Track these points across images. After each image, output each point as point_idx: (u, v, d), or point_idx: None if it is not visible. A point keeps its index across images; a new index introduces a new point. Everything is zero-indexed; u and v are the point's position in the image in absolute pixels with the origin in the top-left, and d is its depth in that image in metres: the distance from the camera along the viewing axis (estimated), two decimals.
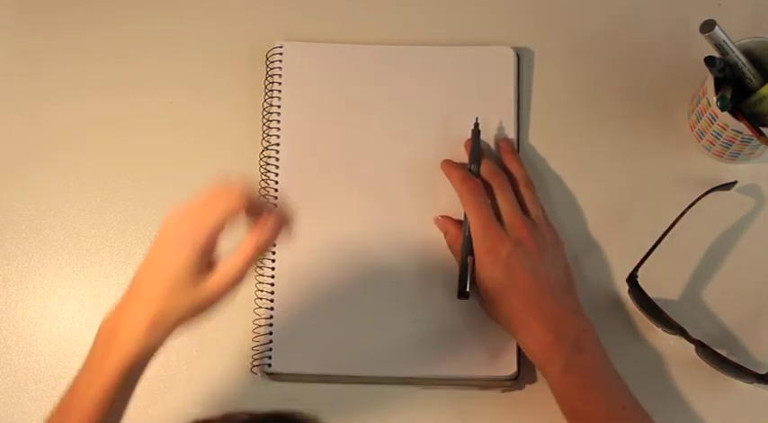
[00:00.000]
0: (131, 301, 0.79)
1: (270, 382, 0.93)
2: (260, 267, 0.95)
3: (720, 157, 0.96)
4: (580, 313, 0.89)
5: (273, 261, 0.95)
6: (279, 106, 0.98)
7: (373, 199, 0.96)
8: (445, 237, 0.94)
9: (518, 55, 1.00)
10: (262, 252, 0.78)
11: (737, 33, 0.88)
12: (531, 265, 0.88)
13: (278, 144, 0.97)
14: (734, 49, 0.87)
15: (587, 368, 0.86)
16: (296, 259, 0.95)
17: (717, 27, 0.85)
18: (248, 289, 0.95)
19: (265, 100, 0.99)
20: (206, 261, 0.77)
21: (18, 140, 1.00)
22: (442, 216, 0.95)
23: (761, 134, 0.87)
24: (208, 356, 0.94)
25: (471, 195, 0.91)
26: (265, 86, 0.99)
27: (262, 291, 0.94)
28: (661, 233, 0.91)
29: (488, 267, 0.89)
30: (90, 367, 0.79)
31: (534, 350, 0.87)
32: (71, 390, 0.80)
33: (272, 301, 0.94)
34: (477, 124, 0.96)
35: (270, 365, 0.92)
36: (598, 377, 0.86)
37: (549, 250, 0.91)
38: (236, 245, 0.77)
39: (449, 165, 0.95)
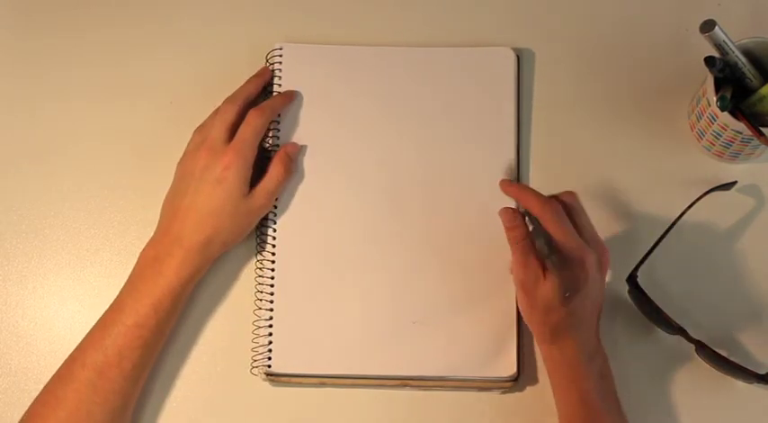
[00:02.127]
0: (175, 230, 0.90)
1: (269, 383, 0.93)
2: (260, 268, 0.95)
3: (720, 157, 0.96)
4: (600, 341, 0.89)
5: (273, 262, 0.95)
6: None
7: (373, 199, 0.96)
8: (511, 232, 0.89)
9: (518, 56, 1.00)
10: (292, 161, 0.96)
11: (737, 33, 0.88)
12: (602, 285, 0.88)
13: (277, 145, 0.97)
14: (734, 49, 0.87)
15: (609, 392, 0.87)
16: (296, 260, 0.95)
17: (717, 27, 0.85)
18: (248, 289, 0.95)
19: None
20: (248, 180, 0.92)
21: (18, 141, 1.00)
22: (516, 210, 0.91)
23: (761, 134, 0.87)
24: (207, 356, 0.94)
25: (557, 216, 0.87)
26: (265, 88, 0.99)
27: (262, 291, 0.94)
28: (661, 233, 0.91)
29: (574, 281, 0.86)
30: (137, 289, 0.89)
31: (565, 364, 0.87)
32: (115, 308, 0.89)
33: (271, 302, 0.94)
34: None
35: (269, 366, 0.92)
36: (616, 403, 0.87)
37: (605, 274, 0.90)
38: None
39: (519, 187, 0.93)
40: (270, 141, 0.97)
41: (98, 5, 1.03)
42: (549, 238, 0.88)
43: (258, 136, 0.93)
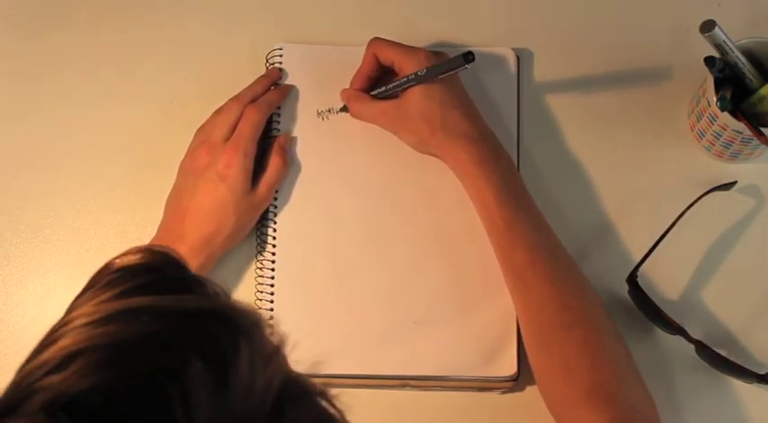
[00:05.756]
0: (177, 228, 0.90)
1: None
2: (260, 268, 0.95)
3: (720, 157, 0.96)
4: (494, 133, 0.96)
5: (273, 262, 0.95)
6: (278, 108, 0.98)
7: (373, 198, 0.96)
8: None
9: (518, 56, 1.00)
10: (287, 153, 0.95)
11: (737, 33, 0.88)
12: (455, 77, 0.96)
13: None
14: (734, 49, 0.87)
15: (521, 187, 0.93)
16: (296, 260, 0.95)
17: (717, 27, 0.85)
18: (248, 289, 0.95)
19: None
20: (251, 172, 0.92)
21: (19, 141, 1.00)
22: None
23: (761, 134, 0.87)
24: None
25: (380, 43, 0.95)
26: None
27: (262, 291, 0.94)
28: (661, 233, 0.91)
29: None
30: None
31: (471, 162, 0.92)
32: None
33: (272, 302, 0.94)
34: None
35: None
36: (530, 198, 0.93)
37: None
38: None
39: (355, 77, 0.97)
40: (270, 139, 0.97)
41: (97, 8, 1.03)
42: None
43: (257, 131, 0.93)
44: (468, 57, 0.89)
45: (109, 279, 0.52)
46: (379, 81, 0.96)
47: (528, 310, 0.88)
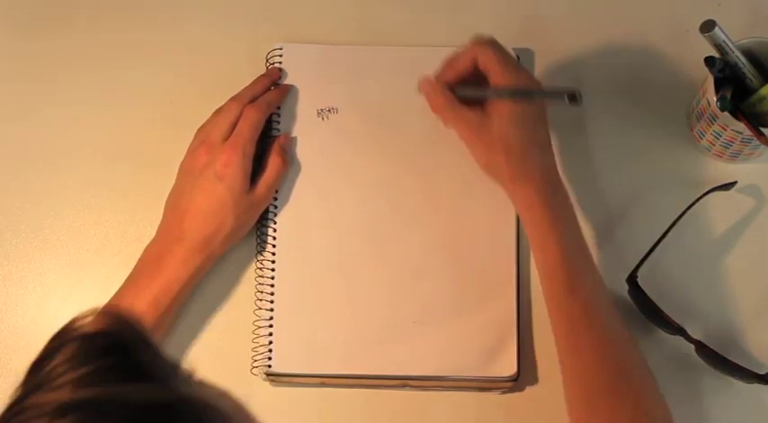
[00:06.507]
0: (177, 228, 0.90)
1: (270, 383, 0.93)
2: (260, 268, 0.95)
3: (720, 157, 0.96)
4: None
5: (273, 262, 0.95)
6: (278, 108, 0.98)
7: (374, 199, 0.96)
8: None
9: (518, 56, 1.00)
10: (287, 153, 0.95)
11: (737, 33, 0.88)
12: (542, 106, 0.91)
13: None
14: (734, 49, 0.87)
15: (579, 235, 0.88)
16: (296, 260, 0.95)
17: (717, 27, 0.85)
18: (248, 289, 0.95)
19: None
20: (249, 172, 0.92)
21: (19, 141, 1.00)
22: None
23: (761, 134, 0.87)
24: (207, 356, 0.94)
25: (491, 48, 0.89)
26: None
27: (262, 292, 0.94)
28: (661, 233, 0.91)
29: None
30: (136, 285, 0.89)
31: (539, 203, 0.87)
32: (113, 303, 0.88)
33: (272, 302, 0.94)
34: None
35: (270, 366, 0.92)
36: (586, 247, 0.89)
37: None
38: None
39: (443, 67, 0.92)
40: (270, 138, 0.97)
41: (97, 8, 1.03)
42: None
43: (256, 131, 0.93)
44: (573, 96, 0.85)
45: (68, 355, 0.51)
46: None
47: (577, 370, 0.85)
